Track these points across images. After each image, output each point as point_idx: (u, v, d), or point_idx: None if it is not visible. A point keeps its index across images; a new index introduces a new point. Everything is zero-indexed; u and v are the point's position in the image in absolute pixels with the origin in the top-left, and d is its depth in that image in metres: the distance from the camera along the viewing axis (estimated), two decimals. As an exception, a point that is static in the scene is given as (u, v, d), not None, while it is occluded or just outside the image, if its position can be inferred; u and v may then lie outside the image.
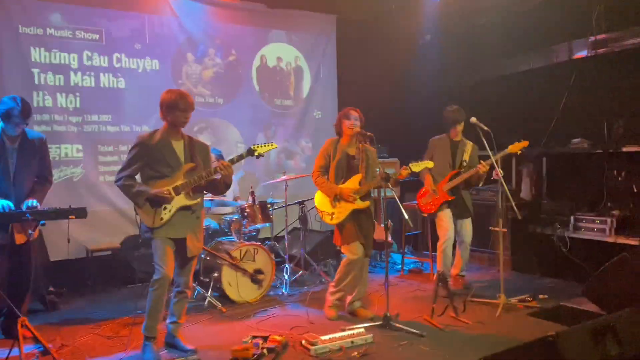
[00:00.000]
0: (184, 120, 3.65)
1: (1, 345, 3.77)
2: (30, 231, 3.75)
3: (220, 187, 3.79)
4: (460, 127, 5.11)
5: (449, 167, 5.11)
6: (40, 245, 4.75)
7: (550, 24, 6.02)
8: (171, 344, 3.77)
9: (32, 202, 3.75)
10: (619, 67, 5.49)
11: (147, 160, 3.58)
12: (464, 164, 5.09)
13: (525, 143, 4.73)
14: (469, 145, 5.17)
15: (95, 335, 4.08)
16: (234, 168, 3.76)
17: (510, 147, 4.73)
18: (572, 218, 5.57)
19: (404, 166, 4.39)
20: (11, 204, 3.67)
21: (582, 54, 5.80)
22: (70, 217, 3.70)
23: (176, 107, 3.58)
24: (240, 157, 3.71)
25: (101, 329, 4.23)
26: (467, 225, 5.11)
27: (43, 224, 3.79)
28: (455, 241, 5.14)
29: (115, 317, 4.48)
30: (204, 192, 3.88)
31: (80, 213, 3.75)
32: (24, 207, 3.70)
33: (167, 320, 3.82)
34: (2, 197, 3.68)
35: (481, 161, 4.79)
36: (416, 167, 4.39)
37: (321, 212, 4.40)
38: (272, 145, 3.82)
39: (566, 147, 5.90)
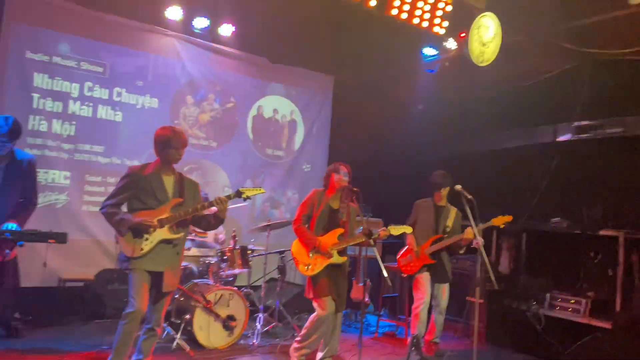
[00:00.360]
0: (177, 157, 3.75)
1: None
2: (7, 251, 3.71)
3: (211, 222, 3.85)
4: (444, 192, 5.20)
5: (432, 231, 5.16)
6: (13, 268, 4.65)
7: (538, 106, 6.31)
8: None
9: (12, 225, 3.72)
10: (600, 154, 5.74)
11: (135, 192, 3.63)
12: (447, 229, 5.17)
13: (509, 218, 4.85)
14: (453, 211, 5.26)
15: (57, 367, 3.95)
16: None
17: (493, 220, 4.85)
18: (547, 296, 5.63)
19: (384, 228, 4.51)
20: (-8, 222, 3.64)
21: (566, 137, 6.05)
22: (50, 240, 3.69)
23: (169, 144, 3.68)
24: (229, 197, 3.75)
25: (64, 361, 4.10)
26: (444, 290, 5.12)
27: (21, 245, 3.75)
28: (430, 306, 5.13)
29: (80, 351, 4.36)
30: (192, 226, 3.91)
31: (61, 238, 3.75)
32: (4, 227, 3.67)
33: (134, 358, 3.72)
34: (-17, 214, 3.66)
35: (468, 228, 4.78)
36: (395, 230, 4.52)
37: (297, 261, 4.38)
38: (260, 190, 3.93)
39: (546, 225, 6.03)
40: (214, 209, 3.76)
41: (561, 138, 6.11)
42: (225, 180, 6.87)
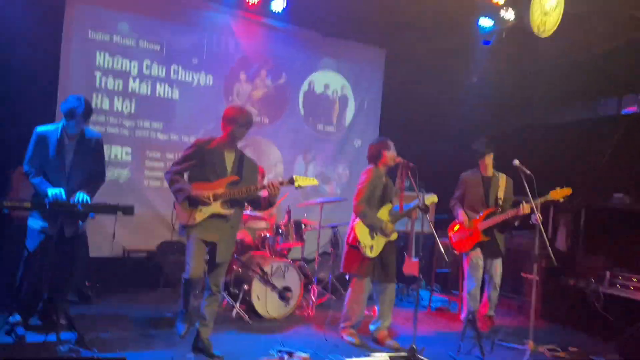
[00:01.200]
0: (240, 135, 3.88)
1: (39, 331, 3.90)
2: (80, 222, 3.92)
3: (263, 204, 3.95)
4: (489, 160, 4.99)
5: (482, 205, 5.00)
6: (84, 242, 4.91)
7: (601, 77, 6.04)
8: (199, 348, 3.84)
9: (84, 195, 3.90)
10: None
11: (197, 163, 3.78)
12: (499, 202, 4.97)
13: (568, 190, 4.66)
14: (503, 180, 5.02)
15: (125, 331, 4.18)
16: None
17: (551, 192, 4.67)
18: (607, 274, 5.47)
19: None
20: (63, 193, 3.82)
21: (632, 109, 5.78)
22: (117, 212, 3.85)
23: (235, 122, 3.79)
24: (281, 184, 3.82)
25: (132, 325, 4.34)
26: (497, 265, 5.00)
27: (93, 217, 3.94)
28: (483, 281, 5.08)
29: (145, 317, 4.59)
30: (245, 205, 4.02)
31: (128, 210, 3.89)
32: (76, 199, 3.84)
33: (197, 324, 3.90)
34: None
35: (523, 202, 4.65)
36: (428, 200, 4.49)
37: (363, 244, 4.37)
38: (313, 180, 3.92)
39: (607, 201, 5.83)
40: (266, 192, 3.85)
41: (626, 110, 5.85)
42: (278, 156, 6.96)
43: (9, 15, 5.11)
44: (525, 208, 4.66)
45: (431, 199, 4.64)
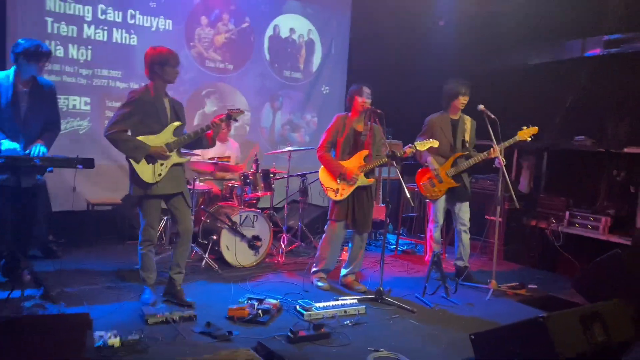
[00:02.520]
0: (174, 76, 3.74)
1: (2, 287, 3.84)
2: (38, 177, 3.80)
3: (205, 143, 3.95)
4: (463, 102, 4.82)
5: (450, 149, 4.89)
6: (43, 192, 4.78)
7: (566, 19, 6.02)
8: (172, 294, 3.88)
9: (41, 147, 3.77)
10: (630, 69, 5.53)
11: (142, 117, 3.63)
12: (466, 145, 4.91)
13: (534, 129, 4.66)
14: (468, 122, 4.92)
15: (93, 284, 4.16)
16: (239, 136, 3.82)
17: (519, 132, 4.67)
18: (567, 213, 5.66)
19: (409, 144, 4.48)
20: (18, 147, 3.69)
21: (595, 52, 5.82)
22: (77, 166, 3.73)
23: (167, 64, 3.66)
24: (221, 121, 3.83)
25: (99, 279, 4.31)
26: (465, 208, 4.97)
27: (51, 171, 3.82)
28: (453, 226, 5.16)
29: (113, 270, 4.57)
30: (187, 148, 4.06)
31: (88, 163, 3.77)
32: (33, 152, 3.72)
33: (170, 271, 3.92)
34: (12, 138, 3.71)
35: (493, 145, 4.61)
36: (421, 146, 4.46)
37: (326, 188, 4.42)
38: (241, 111, 3.96)
39: (569, 143, 5.96)
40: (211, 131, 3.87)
41: (590, 53, 5.89)
42: (244, 103, 6.81)
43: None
44: (495, 151, 4.64)
45: (429, 143, 4.49)
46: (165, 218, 5.17)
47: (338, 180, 4.38)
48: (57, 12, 5.50)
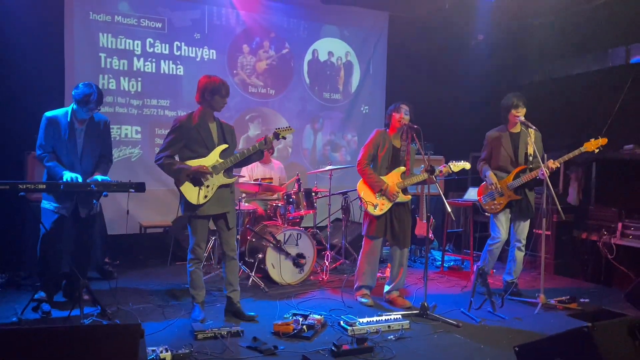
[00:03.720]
0: (222, 105, 3.95)
1: (63, 307, 4.08)
2: (94, 202, 4.04)
3: (254, 158, 4.12)
4: (520, 113, 4.69)
5: (511, 163, 4.79)
6: (99, 218, 5.07)
7: (608, 27, 5.93)
8: (232, 312, 4.06)
9: (101, 177, 4.02)
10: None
11: (186, 142, 3.85)
12: (530, 158, 4.76)
13: (604, 140, 4.53)
14: (532, 134, 4.73)
15: (146, 303, 4.35)
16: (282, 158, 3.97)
17: (586, 144, 4.55)
18: (619, 225, 5.47)
19: (444, 165, 4.51)
20: (79, 177, 3.95)
21: (640, 58, 5.69)
22: (130, 190, 3.95)
23: (218, 93, 3.85)
24: (269, 139, 4.04)
25: (151, 297, 4.50)
26: (525, 226, 4.84)
27: (105, 195, 4.06)
28: (509, 243, 5.00)
29: (164, 289, 4.76)
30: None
31: (139, 187, 4.00)
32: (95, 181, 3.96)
33: (225, 292, 4.11)
34: (71, 170, 3.96)
35: (550, 160, 4.51)
36: (455, 167, 4.51)
37: (365, 202, 4.48)
38: (291, 129, 4.25)
39: (618, 152, 5.79)
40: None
41: (635, 59, 5.75)
42: (285, 126, 6.97)
43: (9, 3, 5.17)
44: (553, 163, 4.53)
45: (461, 166, 4.56)
46: (213, 238, 5.34)
47: (377, 195, 4.43)
48: (110, 48, 5.88)
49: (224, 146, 3.95)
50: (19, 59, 5.26)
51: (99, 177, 3.98)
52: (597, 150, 4.58)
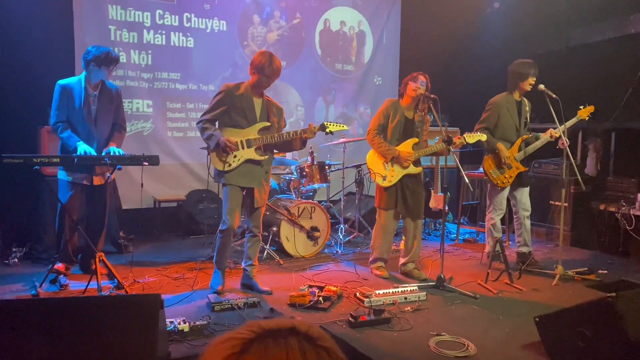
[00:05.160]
0: (265, 85, 3.89)
1: (80, 279, 4.11)
2: (108, 174, 4.03)
3: (294, 145, 4.02)
4: (531, 82, 4.61)
5: (515, 132, 4.72)
6: (114, 192, 5.07)
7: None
8: (248, 286, 4.07)
9: (117, 150, 4.01)
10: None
11: (228, 108, 3.82)
12: (529, 126, 4.79)
13: (591, 108, 4.53)
14: (528, 104, 4.80)
15: (163, 276, 4.37)
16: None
17: (579, 112, 4.53)
18: (638, 195, 5.37)
19: (458, 136, 4.42)
20: (92, 151, 3.93)
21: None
22: (143, 163, 3.93)
23: (262, 72, 3.79)
24: (315, 130, 3.97)
25: (168, 271, 4.52)
26: (527, 193, 4.84)
27: (119, 169, 4.04)
28: (513, 212, 5.01)
29: (180, 262, 4.77)
30: (275, 150, 4.15)
31: (153, 160, 3.98)
32: (109, 154, 3.95)
33: (243, 264, 4.11)
34: (85, 139, 3.95)
35: (557, 125, 4.43)
36: (470, 138, 4.41)
37: (373, 172, 4.40)
38: (343, 126, 4.12)
39: (637, 122, 5.66)
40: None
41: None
42: (297, 98, 6.92)
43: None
44: (556, 132, 4.51)
45: (477, 137, 4.46)
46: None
47: (386, 166, 4.36)
48: (119, 20, 5.79)
49: (266, 124, 3.90)
50: (27, 35, 5.19)
51: (112, 149, 3.96)
52: (587, 117, 4.56)
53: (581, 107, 4.57)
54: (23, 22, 5.18)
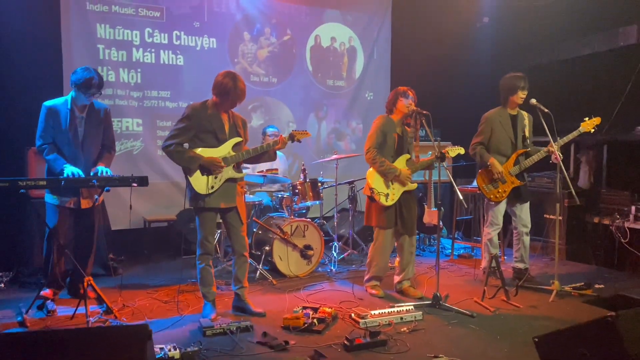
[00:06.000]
0: (230, 108, 3.84)
1: (68, 304, 4.00)
2: (95, 196, 3.95)
3: (266, 157, 4.01)
4: (522, 96, 4.61)
5: (511, 146, 4.69)
6: (102, 214, 4.97)
7: (618, 4, 5.76)
8: (240, 308, 3.97)
9: (105, 169, 3.94)
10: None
11: (197, 131, 3.72)
12: (527, 141, 4.72)
13: (597, 120, 4.45)
14: (526, 117, 4.74)
15: (153, 299, 4.27)
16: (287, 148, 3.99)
17: (582, 124, 4.47)
18: (632, 208, 5.36)
19: (445, 149, 4.40)
20: (80, 172, 3.85)
21: (652, 36, 5.53)
22: (132, 184, 3.86)
23: (227, 96, 3.72)
24: (286, 140, 3.96)
25: (158, 294, 4.42)
26: (527, 209, 4.79)
27: (107, 190, 3.96)
28: (511, 228, 4.96)
29: (171, 284, 4.68)
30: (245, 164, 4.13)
31: (142, 181, 3.91)
32: (97, 174, 3.87)
33: (233, 288, 4.01)
34: (72, 162, 3.88)
35: (551, 142, 4.41)
36: (452, 151, 4.41)
37: (377, 192, 4.31)
38: (306, 133, 4.12)
39: (630, 134, 5.66)
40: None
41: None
42: (289, 115, 6.88)
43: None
44: (554, 146, 4.43)
45: (457, 150, 4.51)
46: (219, 232, 5.25)
47: (387, 184, 4.31)
48: (108, 39, 5.75)
49: (238, 139, 3.83)
50: (16, 54, 5.14)
51: (100, 169, 3.88)
52: (592, 130, 4.50)
53: (586, 119, 4.49)
54: (11, 40, 5.14)
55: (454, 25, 7.24)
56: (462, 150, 4.51)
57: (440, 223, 4.41)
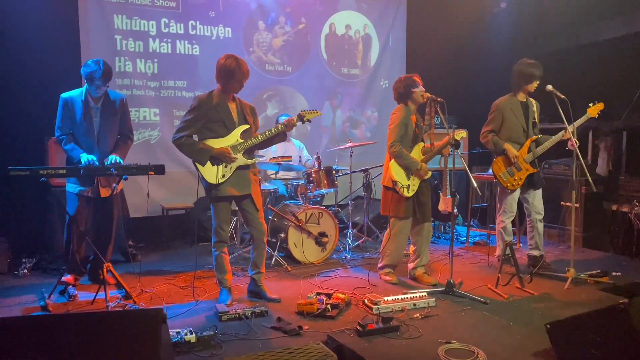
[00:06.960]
0: (238, 89, 3.85)
1: (89, 289, 4.12)
2: (114, 185, 4.04)
3: (275, 140, 4.04)
4: (535, 85, 4.61)
5: (523, 134, 4.66)
6: (121, 201, 5.07)
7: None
8: (255, 293, 4.04)
9: (116, 158, 4.02)
10: None
11: (205, 121, 3.77)
12: (537, 127, 4.73)
13: (600, 105, 4.45)
14: (535, 105, 4.76)
15: (170, 285, 4.36)
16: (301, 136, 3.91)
17: (588, 110, 4.45)
18: (652, 195, 5.30)
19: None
20: (95, 158, 3.94)
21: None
22: (150, 173, 3.93)
23: (233, 77, 3.75)
24: (294, 121, 3.96)
25: (176, 280, 4.52)
26: (539, 195, 4.76)
27: (125, 179, 4.04)
28: (525, 215, 4.94)
29: (188, 271, 4.76)
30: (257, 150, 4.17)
31: (159, 170, 3.98)
32: (108, 163, 3.96)
33: (250, 272, 4.08)
34: (88, 152, 3.97)
35: (567, 128, 4.38)
36: (457, 135, 4.36)
37: (401, 186, 4.31)
38: (317, 112, 4.10)
39: (649, 120, 5.57)
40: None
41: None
42: (304, 104, 6.90)
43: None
44: (568, 132, 4.42)
45: (460, 134, 4.51)
46: (235, 219, 5.32)
47: (408, 175, 4.33)
48: (125, 29, 5.82)
49: (245, 126, 3.87)
50: (36, 45, 5.24)
51: (112, 157, 3.95)
52: (597, 115, 4.49)
53: (590, 104, 4.50)
54: (31, 32, 5.23)
55: (470, 11, 7.16)
56: (464, 134, 4.45)
57: (455, 210, 4.41)
